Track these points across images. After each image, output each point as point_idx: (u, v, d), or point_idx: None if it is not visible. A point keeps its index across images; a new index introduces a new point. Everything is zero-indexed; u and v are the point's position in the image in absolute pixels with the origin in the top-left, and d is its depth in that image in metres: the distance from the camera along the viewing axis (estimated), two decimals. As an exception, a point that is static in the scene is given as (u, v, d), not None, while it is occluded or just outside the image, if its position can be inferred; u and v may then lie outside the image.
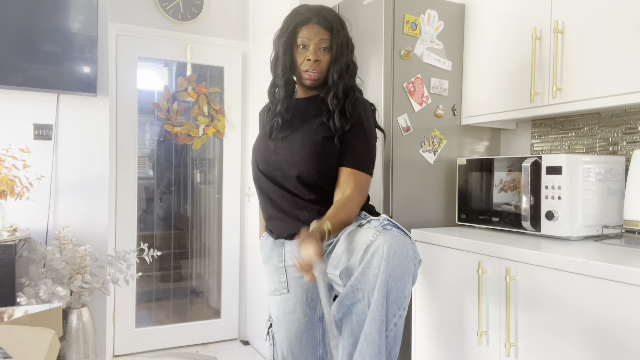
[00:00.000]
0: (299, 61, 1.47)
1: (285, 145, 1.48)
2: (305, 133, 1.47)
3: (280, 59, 1.50)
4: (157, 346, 3.08)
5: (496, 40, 2.03)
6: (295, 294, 1.47)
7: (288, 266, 1.49)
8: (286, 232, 1.49)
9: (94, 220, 2.71)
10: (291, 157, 1.45)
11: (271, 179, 1.50)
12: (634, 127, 1.83)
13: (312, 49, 1.44)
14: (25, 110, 2.57)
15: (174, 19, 3.01)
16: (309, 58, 1.44)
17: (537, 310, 1.46)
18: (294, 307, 1.46)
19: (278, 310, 1.49)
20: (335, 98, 1.46)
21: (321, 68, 1.46)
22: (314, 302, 1.47)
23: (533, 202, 1.74)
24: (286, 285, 1.48)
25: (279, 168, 1.47)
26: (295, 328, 1.46)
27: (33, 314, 1.24)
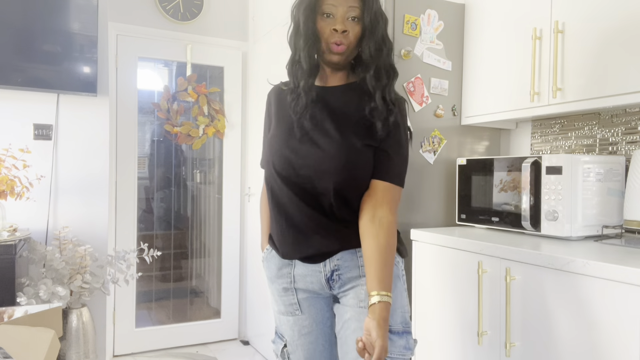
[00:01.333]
0: (323, 32, 1.23)
1: (316, 148, 1.24)
2: (342, 133, 1.23)
3: (301, 28, 1.26)
4: (157, 346, 3.08)
5: (496, 40, 2.03)
6: (310, 315, 1.32)
7: (298, 288, 1.31)
8: (299, 254, 1.28)
9: (94, 220, 2.71)
10: (325, 164, 1.22)
11: (292, 187, 1.26)
12: (634, 127, 1.83)
13: (340, 17, 1.22)
14: (25, 110, 2.57)
15: (174, 19, 3.01)
16: (336, 28, 1.21)
17: (537, 310, 1.46)
18: (311, 328, 1.32)
19: (292, 331, 1.34)
20: (377, 75, 1.25)
21: (350, 40, 1.23)
22: (329, 320, 1.34)
23: (533, 202, 1.74)
24: (298, 307, 1.32)
25: (306, 175, 1.23)
26: (314, 349, 1.33)
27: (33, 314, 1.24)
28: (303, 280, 1.30)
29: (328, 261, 1.26)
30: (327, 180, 1.22)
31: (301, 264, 1.29)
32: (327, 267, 1.26)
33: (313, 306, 1.33)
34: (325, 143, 1.23)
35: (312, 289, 1.30)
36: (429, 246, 1.89)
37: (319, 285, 1.28)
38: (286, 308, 1.34)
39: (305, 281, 1.29)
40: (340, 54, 1.24)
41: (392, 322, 1.20)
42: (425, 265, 1.91)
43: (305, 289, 1.31)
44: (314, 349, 1.33)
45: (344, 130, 1.24)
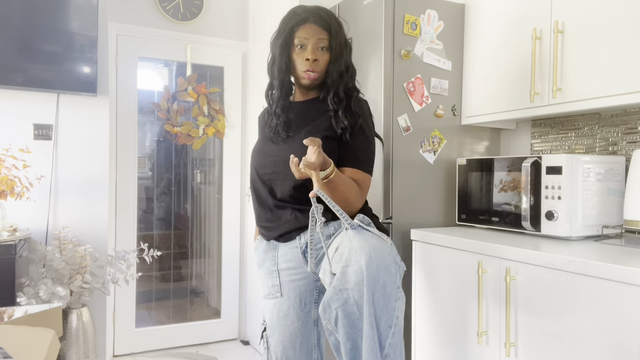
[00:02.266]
0: (297, 62, 1.46)
1: (286, 148, 1.46)
2: (305, 135, 1.44)
3: (277, 59, 1.49)
4: (157, 346, 3.08)
5: (496, 40, 2.03)
6: (289, 298, 1.45)
7: (281, 269, 1.48)
8: (277, 233, 1.47)
9: (94, 220, 2.71)
10: (288, 157, 1.41)
11: (267, 182, 1.49)
12: (634, 127, 1.83)
13: (310, 48, 1.44)
14: (25, 110, 2.57)
15: (174, 19, 3.01)
16: (308, 57, 1.43)
17: (537, 310, 1.46)
18: (288, 311, 1.45)
19: (272, 314, 1.47)
20: (336, 97, 1.46)
21: (320, 68, 1.45)
22: (307, 306, 1.46)
23: (533, 202, 1.74)
24: (279, 289, 1.47)
25: (277, 171, 1.46)
26: (289, 332, 1.44)
27: (33, 314, 1.24)
28: (284, 258, 1.46)
29: (302, 235, 1.43)
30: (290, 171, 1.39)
31: (283, 245, 1.47)
32: (301, 240, 1.44)
33: (293, 289, 1.46)
34: (292, 142, 1.46)
35: (292, 266, 1.45)
36: (429, 246, 1.89)
37: (298, 261, 1.45)
38: (269, 290, 1.49)
39: (286, 259, 1.46)
40: (313, 80, 1.46)
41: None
42: (425, 265, 1.91)
43: (287, 268, 1.46)
44: (289, 332, 1.44)
45: (308, 130, 1.45)
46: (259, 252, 1.56)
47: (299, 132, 1.48)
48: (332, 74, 1.46)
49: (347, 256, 1.19)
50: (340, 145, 1.46)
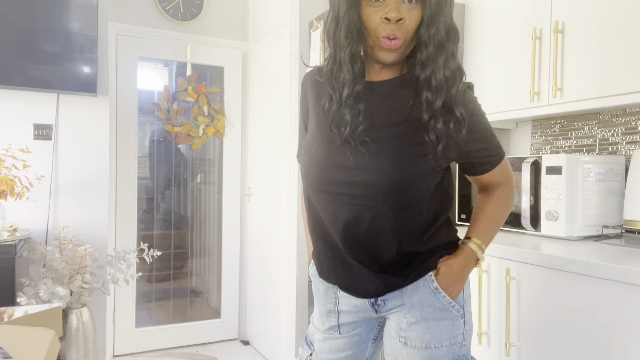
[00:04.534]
0: (370, 23, 0.97)
1: (366, 157, 1.01)
2: (398, 139, 1.01)
3: (342, 20, 0.99)
4: (157, 346, 3.08)
5: (496, 40, 2.03)
6: (347, 336, 1.18)
7: (342, 311, 1.17)
8: (337, 281, 1.12)
9: (94, 220, 2.71)
10: (379, 175, 1.00)
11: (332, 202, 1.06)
12: (634, 127, 1.83)
13: (393, 1, 0.95)
14: (25, 110, 2.57)
15: (174, 19, 3.01)
16: (388, 16, 0.94)
17: (537, 310, 1.46)
18: (344, 347, 1.19)
19: (323, 344, 1.20)
20: (431, 91, 0.99)
21: (407, 31, 0.96)
22: (365, 344, 1.20)
23: (533, 202, 1.74)
24: (337, 329, 1.18)
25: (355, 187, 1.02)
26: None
27: (33, 314, 1.24)
28: (347, 302, 1.15)
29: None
30: (386, 192, 1.00)
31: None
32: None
33: (353, 330, 1.18)
34: (378, 149, 1.01)
35: (356, 310, 1.15)
36: (429, 246, 1.89)
37: (363, 307, 1.14)
38: (324, 328, 1.20)
39: (349, 303, 1.14)
40: (395, 50, 0.97)
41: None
42: (425, 265, 1.91)
43: (349, 312, 1.15)
44: None
45: (400, 132, 1.02)
46: (317, 285, 1.21)
47: (386, 132, 1.02)
48: (428, 44, 0.97)
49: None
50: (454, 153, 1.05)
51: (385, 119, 1.03)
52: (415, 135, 1.01)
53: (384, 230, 1.04)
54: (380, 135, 1.02)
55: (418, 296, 1.06)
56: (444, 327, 1.06)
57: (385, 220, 1.03)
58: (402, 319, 1.08)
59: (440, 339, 1.06)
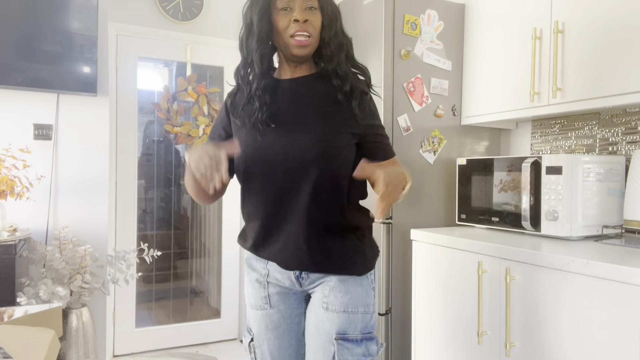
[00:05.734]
0: (281, 26, 1.18)
1: (289, 142, 1.19)
2: (317, 125, 1.19)
3: (254, 29, 1.20)
4: (157, 346, 3.08)
5: (496, 40, 2.03)
6: (278, 309, 1.30)
7: (270, 282, 1.30)
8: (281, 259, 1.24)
9: (94, 220, 2.71)
10: (304, 154, 1.17)
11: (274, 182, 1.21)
12: (634, 127, 1.83)
13: (298, 7, 1.17)
14: (25, 110, 2.57)
15: (174, 19, 3.01)
16: (296, 18, 1.16)
17: (537, 310, 1.46)
18: (278, 323, 1.30)
19: (260, 325, 1.32)
20: (339, 78, 1.21)
21: (314, 30, 1.19)
22: (298, 317, 1.32)
23: (533, 202, 1.74)
24: (268, 301, 1.31)
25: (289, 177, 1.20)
26: (279, 344, 1.30)
27: (33, 314, 1.24)
28: (275, 276, 1.29)
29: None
30: (306, 172, 1.17)
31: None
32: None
33: (283, 301, 1.31)
34: (295, 132, 1.19)
35: (282, 285, 1.29)
36: (429, 246, 1.89)
37: (289, 282, 1.28)
38: (256, 301, 1.32)
39: (276, 277, 1.29)
40: (306, 46, 1.19)
41: (351, 331, 1.20)
42: (425, 265, 1.91)
43: (276, 284, 1.30)
44: (279, 344, 1.30)
45: (314, 118, 1.20)
46: (250, 260, 1.35)
47: (302, 119, 1.21)
48: (330, 43, 1.21)
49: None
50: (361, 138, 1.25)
51: (294, 107, 1.22)
52: (328, 111, 1.21)
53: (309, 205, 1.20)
54: (289, 119, 1.21)
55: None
56: (360, 295, 1.22)
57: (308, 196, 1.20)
58: (325, 287, 1.23)
59: (357, 304, 1.21)
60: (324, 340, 1.21)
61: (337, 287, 1.22)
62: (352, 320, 1.21)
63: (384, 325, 2.00)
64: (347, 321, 1.20)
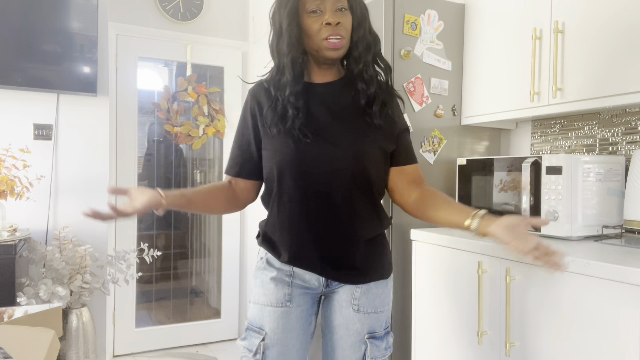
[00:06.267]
0: (313, 30, 1.17)
1: (336, 152, 1.20)
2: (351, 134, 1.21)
3: (284, 33, 1.18)
4: (157, 346, 3.08)
5: (496, 40, 2.03)
6: (299, 308, 1.28)
7: (294, 282, 1.28)
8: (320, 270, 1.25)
9: (94, 220, 2.71)
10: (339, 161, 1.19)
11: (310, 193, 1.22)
12: (634, 127, 1.83)
13: (329, 9, 1.16)
14: (25, 110, 2.57)
15: (174, 19, 3.01)
16: (328, 21, 1.15)
17: (537, 310, 1.46)
18: (296, 321, 1.28)
19: (277, 323, 1.27)
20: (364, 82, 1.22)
21: (345, 32, 1.19)
22: (311, 317, 1.32)
23: (533, 202, 1.74)
24: (290, 298, 1.27)
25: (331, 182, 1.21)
26: (292, 345, 1.28)
27: (33, 314, 1.24)
28: (302, 276, 1.28)
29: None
30: (348, 174, 1.20)
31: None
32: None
33: (303, 300, 1.29)
34: (340, 146, 1.20)
35: (309, 285, 1.29)
36: (429, 246, 1.89)
37: (317, 283, 1.28)
38: (277, 299, 1.27)
39: (304, 278, 1.28)
40: (339, 48, 1.18)
41: (378, 329, 1.28)
42: (425, 265, 1.91)
43: (300, 285, 1.28)
44: (292, 346, 1.28)
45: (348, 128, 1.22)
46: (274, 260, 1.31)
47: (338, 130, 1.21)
48: (358, 44, 1.21)
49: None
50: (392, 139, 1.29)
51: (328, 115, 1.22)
52: (357, 121, 1.22)
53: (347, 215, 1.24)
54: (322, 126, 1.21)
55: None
56: (386, 295, 1.31)
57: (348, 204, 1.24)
58: (355, 289, 1.27)
59: (384, 304, 1.30)
60: (355, 340, 1.26)
61: (369, 290, 1.27)
62: (379, 320, 1.29)
63: (384, 325, 2.00)
64: (376, 321, 1.28)
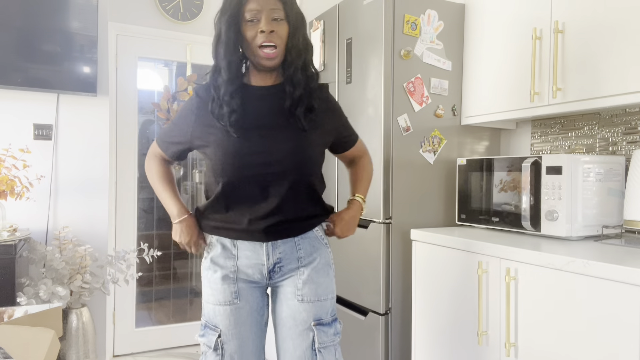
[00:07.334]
0: (249, 37, 1.27)
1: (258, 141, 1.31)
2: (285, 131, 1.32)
3: (222, 37, 1.28)
4: (157, 346, 3.08)
5: (496, 40, 2.03)
6: (247, 303, 1.38)
7: (239, 278, 1.38)
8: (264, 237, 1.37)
9: (94, 220, 2.71)
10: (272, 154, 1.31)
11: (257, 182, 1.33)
12: (634, 127, 1.83)
13: (265, 19, 1.25)
14: (25, 110, 2.57)
15: (174, 19, 3.01)
16: (263, 29, 1.25)
17: (537, 310, 1.46)
18: (246, 317, 1.38)
19: (229, 320, 1.37)
20: (293, 85, 1.31)
21: (280, 40, 1.28)
22: (262, 310, 1.42)
23: (533, 202, 1.74)
24: (237, 295, 1.38)
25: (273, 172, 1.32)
26: (247, 337, 1.38)
27: (33, 314, 1.24)
28: (245, 271, 1.38)
29: (271, 253, 1.37)
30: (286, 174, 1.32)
31: (244, 256, 1.37)
32: (270, 259, 1.37)
33: (250, 295, 1.39)
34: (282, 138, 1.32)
35: (252, 279, 1.39)
36: (429, 246, 1.89)
37: (260, 275, 1.38)
38: (225, 297, 1.38)
39: (247, 273, 1.38)
40: (273, 58, 1.28)
41: (324, 316, 1.38)
42: (425, 265, 1.91)
43: (245, 279, 1.39)
44: (247, 338, 1.38)
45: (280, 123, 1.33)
46: (219, 259, 1.40)
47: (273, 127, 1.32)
48: (292, 50, 1.30)
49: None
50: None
51: (259, 112, 1.32)
52: (288, 121, 1.32)
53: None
54: (256, 124, 1.31)
55: (309, 249, 1.40)
56: (328, 283, 1.40)
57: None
58: (297, 281, 1.38)
59: (327, 292, 1.39)
60: (302, 329, 1.36)
61: (309, 280, 1.38)
62: (324, 307, 1.39)
63: (384, 325, 2.00)
64: (321, 309, 1.38)
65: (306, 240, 1.40)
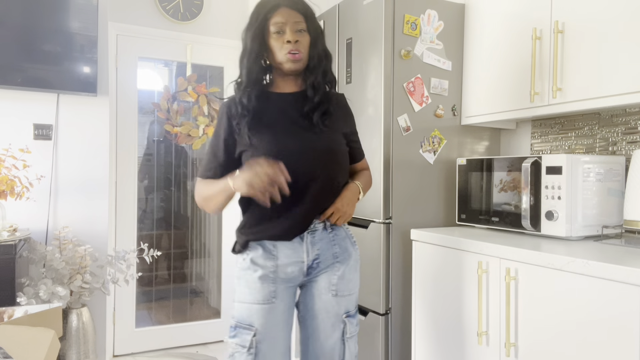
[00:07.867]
0: (277, 48, 1.41)
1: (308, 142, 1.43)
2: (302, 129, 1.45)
3: (248, 48, 1.43)
4: (157, 346, 3.08)
5: (496, 40, 2.03)
6: (284, 302, 1.45)
7: (278, 277, 1.43)
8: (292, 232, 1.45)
9: (94, 220, 2.71)
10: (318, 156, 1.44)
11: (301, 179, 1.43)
12: (634, 127, 1.83)
13: (289, 30, 1.39)
14: (25, 110, 2.57)
15: (174, 19, 3.01)
16: (289, 39, 1.38)
17: (537, 310, 1.46)
18: (280, 318, 1.44)
19: (265, 319, 1.41)
20: (313, 90, 1.45)
21: (303, 49, 1.42)
22: (292, 309, 1.49)
23: (533, 202, 1.74)
24: (275, 294, 1.43)
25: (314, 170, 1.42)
26: (279, 336, 1.44)
27: (33, 314, 1.24)
28: (285, 270, 1.44)
29: (310, 250, 1.44)
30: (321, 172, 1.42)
31: (284, 255, 1.43)
32: (309, 256, 1.44)
33: (286, 295, 1.46)
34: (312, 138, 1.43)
35: (291, 277, 1.45)
36: (429, 246, 1.89)
37: (299, 272, 1.45)
38: (263, 296, 1.43)
39: (286, 272, 1.44)
40: (298, 61, 1.41)
41: (351, 308, 1.50)
42: (425, 265, 1.91)
43: (283, 279, 1.45)
44: (279, 337, 1.45)
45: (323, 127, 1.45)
46: (259, 260, 1.44)
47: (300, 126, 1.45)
48: (313, 58, 1.45)
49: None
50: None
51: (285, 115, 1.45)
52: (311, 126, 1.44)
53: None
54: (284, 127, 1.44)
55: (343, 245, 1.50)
56: (357, 278, 1.53)
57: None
58: (332, 276, 1.47)
59: (355, 287, 1.52)
60: (335, 321, 1.47)
61: (343, 276, 1.48)
62: (352, 301, 1.51)
63: (384, 325, 2.00)
64: (350, 302, 1.50)
65: (339, 237, 1.50)
